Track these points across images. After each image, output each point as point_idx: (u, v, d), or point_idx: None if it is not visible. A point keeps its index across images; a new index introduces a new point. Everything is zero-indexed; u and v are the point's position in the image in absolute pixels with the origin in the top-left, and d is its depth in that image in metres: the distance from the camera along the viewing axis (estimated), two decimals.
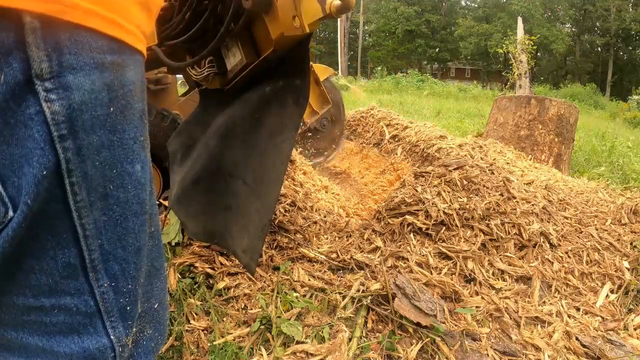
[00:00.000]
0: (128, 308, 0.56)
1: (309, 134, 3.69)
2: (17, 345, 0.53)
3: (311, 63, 3.55)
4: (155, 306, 0.65)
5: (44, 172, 0.44)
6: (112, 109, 0.48)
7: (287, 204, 1.96)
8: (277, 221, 1.84)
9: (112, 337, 0.55)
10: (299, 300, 1.50)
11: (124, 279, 0.55)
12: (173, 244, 1.68)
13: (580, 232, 2.06)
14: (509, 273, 1.72)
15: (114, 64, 0.48)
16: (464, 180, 2.07)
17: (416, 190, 2.02)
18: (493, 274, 1.72)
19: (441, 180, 2.07)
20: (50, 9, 0.41)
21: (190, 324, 1.41)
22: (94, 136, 0.47)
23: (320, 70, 3.73)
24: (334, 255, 1.78)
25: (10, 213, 0.44)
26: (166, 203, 1.85)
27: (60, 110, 0.44)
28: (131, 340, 0.59)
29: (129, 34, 0.50)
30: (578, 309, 1.61)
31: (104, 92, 0.47)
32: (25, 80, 0.42)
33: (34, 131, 0.43)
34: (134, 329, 0.59)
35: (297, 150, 3.31)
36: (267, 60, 1.24)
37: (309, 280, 1.61)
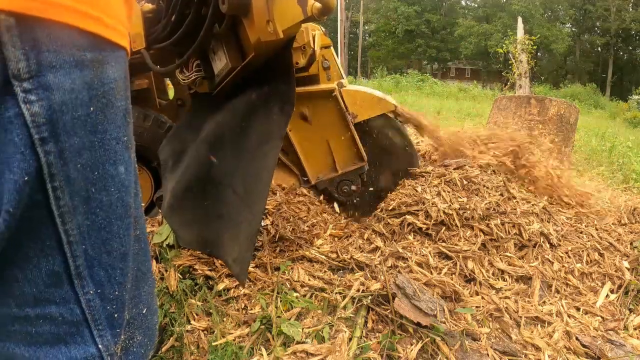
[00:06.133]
0: (115, 315, 0.55)
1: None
2: (3, 356, 0.51)
3: (352, 88, 2.03)
4: (144, 311, 0.63)
5: (26, 178, 0.42)
6: (92, 108, 0.46)
7: (291, 220, 1.93)
8: (277, 235, 1.82)
9: (100, 346, 0.53)
10: (299, 300, 1.50)
11: (110, 285, 0.53)
12: (164, 245, 1.67)
13: (581, 232, 2.06)
14: (509, 273, 1.72)
15: (94, 61, 0.46)
16: (464, 180, 2.07)
17: (416, 190, 2.02)
18: (493, 273, 1.72)
19: (441, 180, 2.07)
20: (25, 7, 0.39)
21: (191, 324, 1.42)
22: (75, 138, 0.45)
23: (365, 102, 2.03)
24: (334, 255, 1.78)
25: None
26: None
27: (41, 112, 0.42)
28: (120, 347, 0.57)
29: (109, 29, 0.47)
30: (578, 309, 1.61)
31: (84, 91, 0.45)
32: (3, 82, 0.40)
33: (13, 135, 0.41)
34: (123, 337, 0.57)
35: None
36: (250, 65, 1.23)
37: (309, 280, 1.61)
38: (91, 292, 0.51)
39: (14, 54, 0.40)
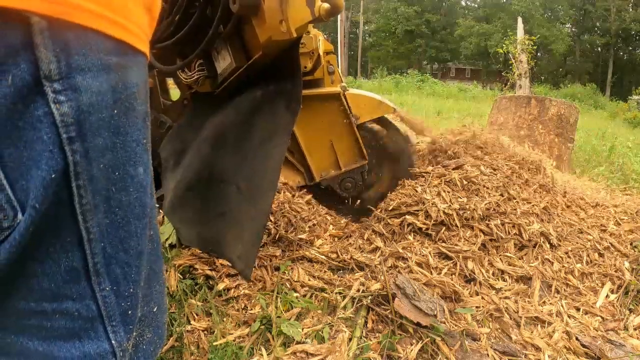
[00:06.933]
0: (129, 312, 0.56)
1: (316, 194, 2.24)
2: (17, 350, 0.52)
3: (354, 92, 2.16)
4: (154, 310, 0.64)
5: (53, 175, 0.43)
6: (115, 110, 0.48)
7: (292, 220, 1.94)
8: (277, 235, 1.83)
9: (113, 341, 0.54)
10: (299, 300, 1.50)
11: (125, 282, 0.54)
12: (167, 245, 1.68)
13: (581, 232, 2.06)
14: (509, 273, 1.72)
15: (118, 66, 0.48)
16: (464, 180, 2.07)
17: (416, 191, 2.02)
18: (493, 274, 1.72)
19: (441, 180, 2.07)
20: (55, 11, 0.41)
21: (191, 324, 1.42)
22: (100, 138, 0.47)
23: (367, 105, 2.17)
24: (334, 255, 1.78)
25: (20, 216, 0.44)
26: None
27: (69, 112, 0.43)
28: (131, 344, 0.58)
29: (132, 35, 0.49)
30: (578, 309, 1.61)
31: (109, 93, 0.47)
32: (34, 82, 0.41)
33: (42, 133, 0.42)
34: (134, 333, 0.58)
35: None
36: (256, 64, 1.23)
37: (309, 280, 1.61)
38: (107, 288, 0.52)
39: (45, 55, 0.41)
